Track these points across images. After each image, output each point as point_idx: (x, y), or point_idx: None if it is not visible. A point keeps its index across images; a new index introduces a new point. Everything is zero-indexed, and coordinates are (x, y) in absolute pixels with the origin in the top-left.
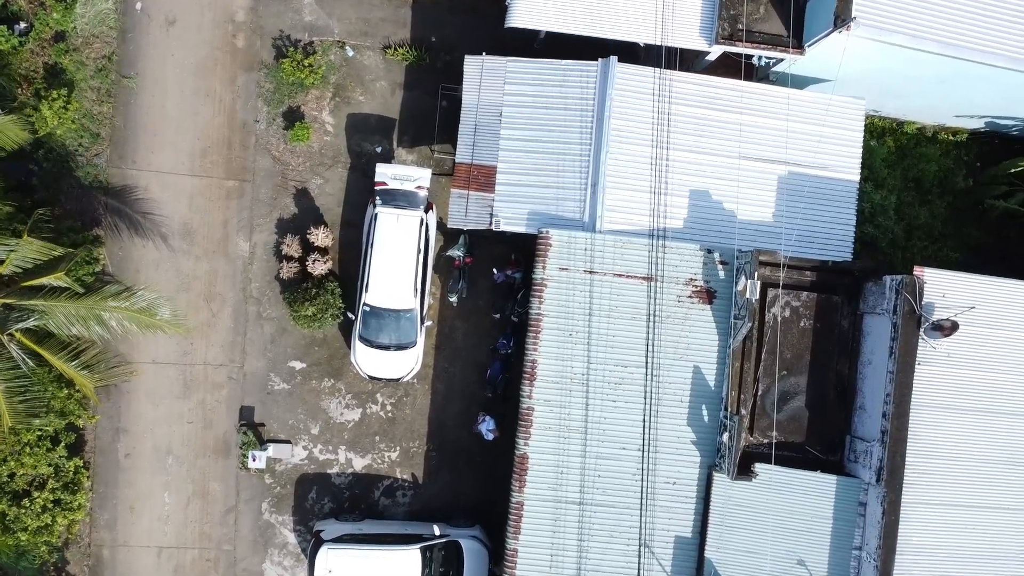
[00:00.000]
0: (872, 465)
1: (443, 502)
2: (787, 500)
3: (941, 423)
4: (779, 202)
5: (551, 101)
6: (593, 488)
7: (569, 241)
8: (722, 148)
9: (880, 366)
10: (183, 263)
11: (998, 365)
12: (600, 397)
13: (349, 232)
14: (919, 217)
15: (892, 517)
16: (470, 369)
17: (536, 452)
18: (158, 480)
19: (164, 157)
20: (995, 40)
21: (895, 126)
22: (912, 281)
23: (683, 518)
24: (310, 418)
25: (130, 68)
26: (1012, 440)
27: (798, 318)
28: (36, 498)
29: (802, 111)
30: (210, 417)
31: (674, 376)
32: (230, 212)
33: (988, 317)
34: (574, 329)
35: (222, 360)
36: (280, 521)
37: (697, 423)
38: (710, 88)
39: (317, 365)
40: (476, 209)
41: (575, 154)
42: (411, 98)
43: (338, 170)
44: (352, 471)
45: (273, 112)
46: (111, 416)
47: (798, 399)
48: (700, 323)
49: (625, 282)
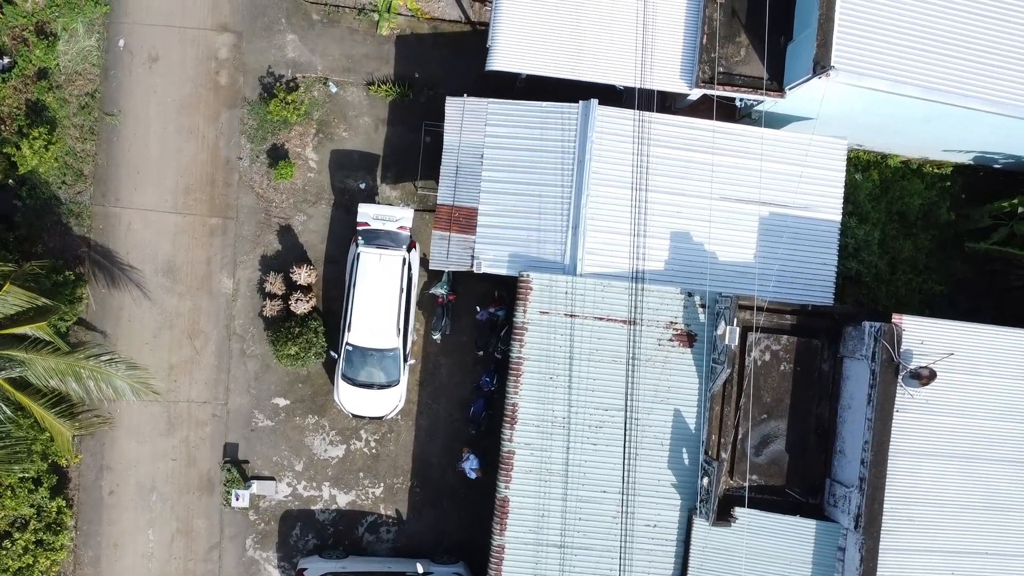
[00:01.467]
0: (851, 511)
1: (427, 539)
2: (767, 544)
3: (920, 469)
4: (760, 244)
5: (532, 143)
6: (574, 531)
7: (550, 284)
8: (702, 190)
9: (859, 411)
10: (166, 300)
11: (977, 411)
12: (581, 440)
13: (333, 269)
14: (903, 250)
15: (870, 564)
16: (454, 405)
17: (517, 495)
18: (142, 517)
19: (147, 194)
20: (976, 84)
21: (879, 159)
22: (890, 329)
23: (663, 561)
24: (294, 455)
25: (113, 105)
26: (991, 485)
27: (778, 362)
28: (17, 539)
29: (783, 151)
30: (194, 454)
31: (654, 419)
32: (213, 249)
33: (967, 363)
34: (555, 372)
35: (206, 397)
36: (264, 557)
37: (677, 466)
38: (690, 130)
39: (301, 402)
40: (457, 251)
41: (556, 196)
42: (395, 134)
43: (322, 207)
44: (336, 507)
45: (256, 149)
46: (95, 453)
47: (778, 442)
48: (680, 366)
49: (606, 325)
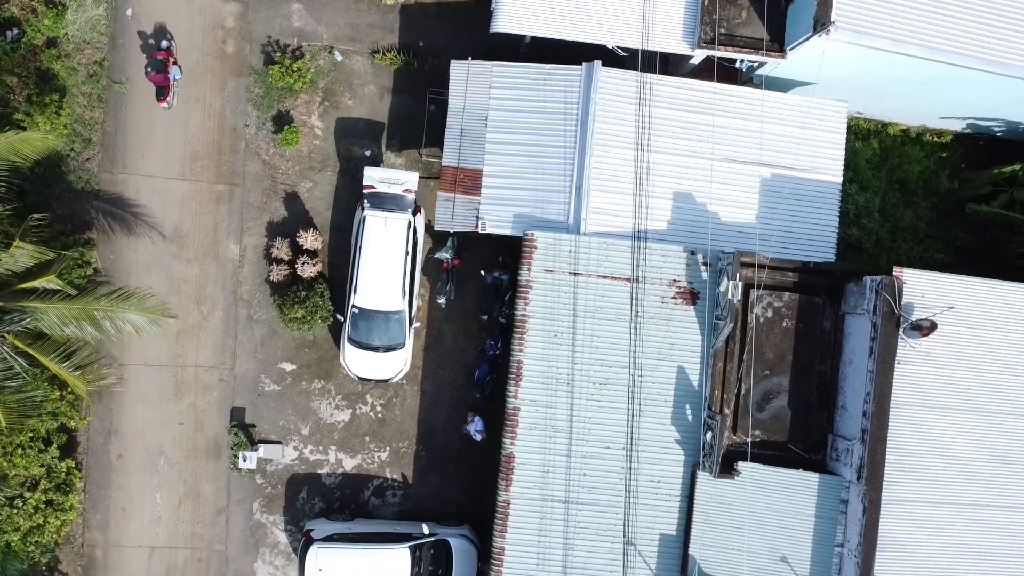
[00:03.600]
0: (853, 463)
1: (432, 502)
2: (770, 498)
3: (921, 421)
4: (762, 204)
5: (536, 105)
6: (579, 487)
7: (554, 243)
8: (704, 151)
9: (861, 366)
10: (174, 266)
11: (977, 364)
12: (585, 397)
13: (338, 236)
14: (904, 218)
15: (872, 515)
16: (459, 371)
17: (522, 451)
18: (150, 481)
19: (155, 162)
20: (976, 44)
21: (879, 128)
22: (891, 282)
23: (668, 516)
24: (300, 419)
25: (121, 74)
26: (993, 438)
27: (780, 319)
28: (29, 499)
29: (785, 114)
30: (201, 419)
31: (658, 376)
32: (220, 216)
33: (967, 317)
34: (559, 330)
35: (213, 362)
36: (271, 521)
37: (681, 422)
38: (692, 92)
39: (307, 367)
40: (463, 212)
41: (560, 157)
42: (399, 102)
43: (327, 174)
44: (342, 471)
45: (262, 117)
46: (103, 418)
47: (781, 399)
48: (684, 324)
49: (609, 283)
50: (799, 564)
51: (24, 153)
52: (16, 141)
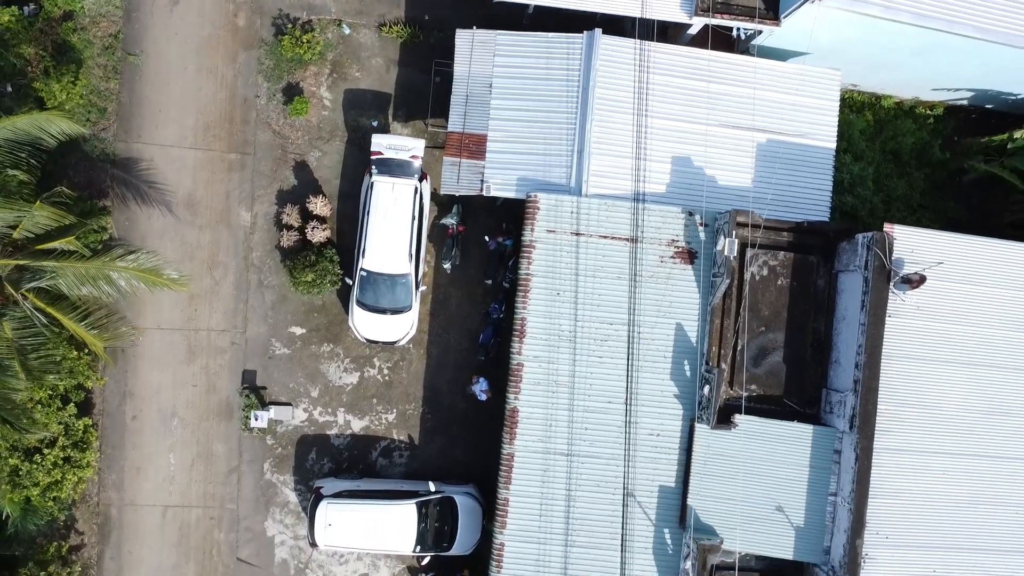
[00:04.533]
0: (846, 414)
1: (438, 462)
2: (765, 449)
3: (912, 373)
4: (758, 168)
5: (539, 72)
6: (581, 440)
7: (556, 204)
8: (702, 116)
9: (853, 320)
10: (187, 233)
11: (966, 318)
12: (587, 353)
13: (346, 204)
14: (897, 189)
15: (865, 462)
16: (464, 335)
17: (525, 406)
18: (163, 442)
19: (168, 131)
20: (967, 11)
21: (873, 100)
22: (882, 237)
23: (667, 468)
24: (310, 382)
25: (135, 46)
26: (982, 390)
27: (775, 277)
28: (47, 455)
29: (780, 81)
30: (213, 381)
31: (657, 333)
32: (232, 184)
33: (956, 272)
34: (561, 288)
35: (225, 326)
36: (281, 481)
37: (680, 378)
38: (690, 59)
39: (316, 331)
40: (467, 176)
41: (562, 122)
42: (406, 74)
43: (336, 143)
44: (350, 432)
45: (273, 88)
46: (118, 380)
47: (776, 354)
48: (682, 282)
49: (610, 243)
50: (794, 513)
51: (50, 131)
52: (42, 120)
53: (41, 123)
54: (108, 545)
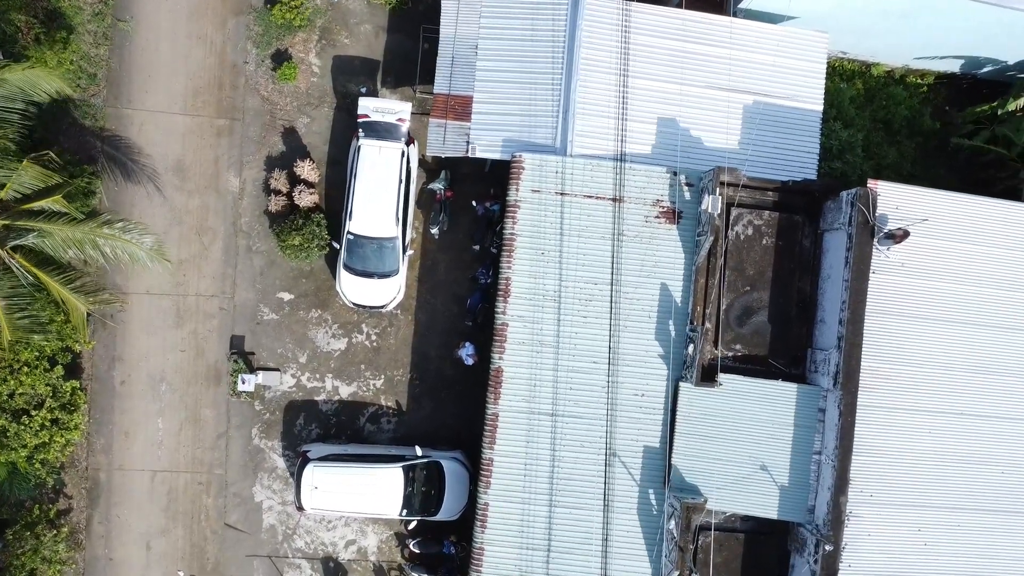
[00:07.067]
0: (830, 371)
1: (425, 428)
2: (750, 408)
3: (896, 330)
4: (744, 129)
5: (525, 33)
6: (565, 400)
7: (541, 164)
8: (689, 77)
9: (837, 278)
10: (176, 198)
11: (951, 276)
12: (571, 313)
13: (334, 170)
14: (887, 157)
15: (849, 418)
16: (451, 301)
17: (510, 366)
18: (152, 407)
19: (158, 97)
20: None
21: (863, 69)
22: (866, 193)
23: (651, 429)
24: (298, 347)
25: (125, 12)
26: (967, 348)
27: (760, 236)
28: (35, 416)
29: (766, 43)
30: (202, 346)
31: (642, 293)
32: (221, 149)
33: (940, 229)
34: (546, 248)
35: (213, 291)
36: (269, 446)
37: (664, 338)
38: (675, 20)
39: (304, 296)
40: (453, 137)
41: (547, 83)
42: (394, 40)
43: (324, 110)
44: (338, 398)
45: (262, 54)
46: (107, 345)
47: (761, 314)
48: (667, 242)
49: (595, 203)
50: (778, 472)
51: (42, 88)
52: (34, 76)
53: (34, 79)
54: (96, 509)
